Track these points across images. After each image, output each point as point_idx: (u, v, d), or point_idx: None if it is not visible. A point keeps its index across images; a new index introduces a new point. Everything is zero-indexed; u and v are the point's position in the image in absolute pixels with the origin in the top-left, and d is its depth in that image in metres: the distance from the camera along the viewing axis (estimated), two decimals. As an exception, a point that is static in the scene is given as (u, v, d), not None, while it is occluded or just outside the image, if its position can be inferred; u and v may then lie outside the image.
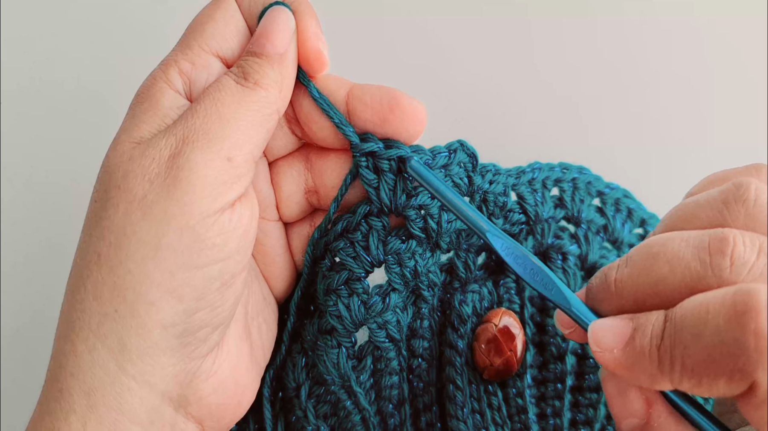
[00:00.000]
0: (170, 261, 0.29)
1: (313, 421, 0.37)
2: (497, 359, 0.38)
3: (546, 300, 0.36)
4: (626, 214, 0.40)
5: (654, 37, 0.50)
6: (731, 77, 0.49)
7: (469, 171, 0.36)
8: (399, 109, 0.33)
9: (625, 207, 0.40)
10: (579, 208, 0.39)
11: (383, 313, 0.35)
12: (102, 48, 0.49)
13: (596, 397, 0.39)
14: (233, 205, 0.31)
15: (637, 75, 0.50)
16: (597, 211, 0.40)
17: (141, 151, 0.30)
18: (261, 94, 0.31)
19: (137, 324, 0.29)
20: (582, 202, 0.39)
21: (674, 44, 0.50)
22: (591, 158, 0.42)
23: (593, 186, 0.40)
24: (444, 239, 0.37)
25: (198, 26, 0.33)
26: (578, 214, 0.39)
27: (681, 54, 0.50)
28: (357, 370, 0.36)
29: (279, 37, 0.32)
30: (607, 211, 0.40)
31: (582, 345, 0.39)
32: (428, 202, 0.35)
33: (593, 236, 0.39)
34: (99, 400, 0.29)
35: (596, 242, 0.39)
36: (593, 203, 0.40)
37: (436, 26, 0.50)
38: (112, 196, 0.30)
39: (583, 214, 0.39)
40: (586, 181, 0.40)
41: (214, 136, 0.30)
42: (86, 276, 0.30)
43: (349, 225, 0.36)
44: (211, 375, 0.32)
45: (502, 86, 0.50)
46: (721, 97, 0.49)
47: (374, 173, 0.34)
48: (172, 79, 0.32)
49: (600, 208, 0.40)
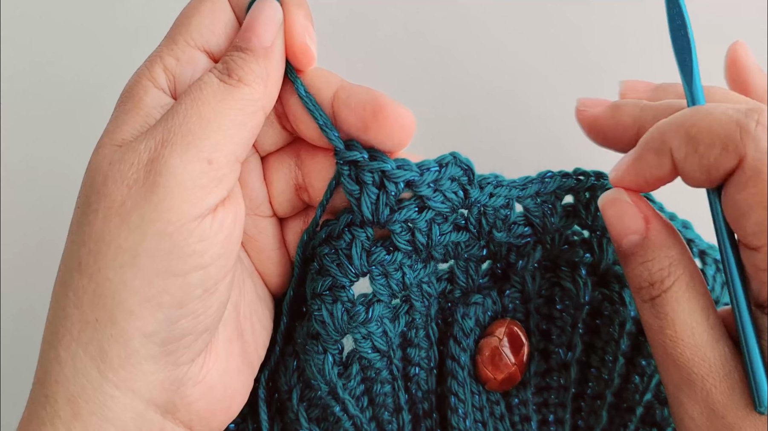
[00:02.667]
0: (149, 268, 0.28)
1: (305, 425, 0.36)
2: (501, 372, 0.37)
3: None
4: None
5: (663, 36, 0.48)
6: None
7: (465, 184, 0.34)
8: (383, 115, 0.31)
9: None
10: (594, 215, 0.37)
11: (367, 324, 0.34)
12: (102, 48, 0.49)
13: (599, 404, 0.38)
14: (215, 210, 0.30)
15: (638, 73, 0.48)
16: None
17: (121, 155, 0.29)
18: (245, 92, 0.30)
19: (117, 332, 0.29)
20: (598, 210, 0.37)
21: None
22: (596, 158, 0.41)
23: None
24: (438, 251, 0.35)
25: (184, 20, 0.32)
26: (593, 221, 0.37)
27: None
28: (344, 377, 0.35)
29: (264, 30, 0.31)
30: None
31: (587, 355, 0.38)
32: (415, 216, 0.34)
33: (607, 243, 0.38)
34: (83, 407, 0.29)
35: (610, 249, 0.38)
36: None
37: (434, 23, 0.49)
38: (93, 201, 0.29)
39: (599, 221, 0.37)
40: (604, 188, 0.38)
41: (194, 137, 0.29)
42: (68, 283, 0.30)
43: (332, 233, 0.35)
44: (199, 380, 0.31)
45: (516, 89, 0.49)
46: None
47: (356, 184, 0.33)
48: (156, 76, 0.31)
49: None
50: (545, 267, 0.38)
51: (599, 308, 0.38)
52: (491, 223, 0.35)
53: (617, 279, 0.38)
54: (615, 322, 0.37)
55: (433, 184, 0.33)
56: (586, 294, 0.37)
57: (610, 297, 0.37)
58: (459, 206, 0.34)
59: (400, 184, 0.33)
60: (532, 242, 0.37)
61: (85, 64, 0.49)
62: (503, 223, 0.35)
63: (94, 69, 0.48)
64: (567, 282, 0.38)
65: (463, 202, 0.34)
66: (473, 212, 0.35)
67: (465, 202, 0.34)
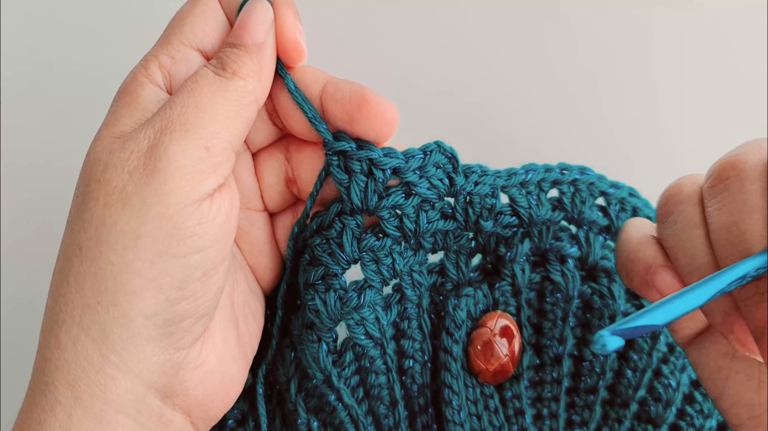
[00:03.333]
0: (150, 250, 0.29)
1: (303, 415, 0.37)
2: (493, 364, 0.37)
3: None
4: (631, 213, 0.39)
5: (658, 35, 0.49)
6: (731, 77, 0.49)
7: (450, 172, 0.36)
8: (367, 108, 0.33)
9: (631, 206, 0.39)
10: (580, 209, 0.38)
11: (359, 309, 0.35)
12: (102, 48, 0.49)
13: (592, 398, 0.38)
14: (212, 195, 0.31)
15: (641, 73, 0.49)
16: (600, 211, 0.39)
17: (121, 145, 0.30)
18: (239, 84, 0.32)
19: (119, 314, 0.29)
20: (583, 203, 0.38)
21: (676, 42, 0.49)
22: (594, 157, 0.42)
23: (596, 186, 0.39)
24: (427, 239, 0.36)
25: (178, 21, 0.33)
26: (579, 215, 0.38)
27: (683, 53, 0.49)
28: (338, 365, 0.36)
29: (257, 27, 0.33)
30: (610, 211, 0.39)
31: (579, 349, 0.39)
32: (402, 202, 0.35)
33: (594, 237, 0.39)
34: (84, 391, 0.30)
35: (598, 243, 0.39)
36: (597, 203, 0.39)
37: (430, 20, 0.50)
38: (92, 189, 0.30)
39: (585, 215, 0.38)
40: (588, 182, 0.39)
41: (192, 125, 0.30)
42: (68, 269, 0.30)
43: (323, 223, 0.36)
44: (197, 365, 0.32)
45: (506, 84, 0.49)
46: (722, 97, 0.49)
47: (345, 173, 0.34)
48: (152, 73, 0.32)
49: (604, 207, 0.39)
50: (535, 262, 0.39)
51: (589, 302, 0.38)
52: (477, 212, 0.36)
53: (606, 273, 0.39)
54: (605, 316, 0.38)
55: (419, 170, 0.35)
56: (574, 288, 0.38)
57: (599, 292, 0.38)
58: (445, 193, 0.36)
59: (387, 170, 0.34)
60: (520, 234, 0.38)
61: (85, 64, 0.49)
62: (489, 212, 0.36)
63: (94, 69, 0.48)
64: (556, 275, 0.38)
65: (449, 190, 0.36)
66: (459, 200, 0.36)
67: (450, 190, 0.36)
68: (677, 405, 0.37)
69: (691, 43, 0.49)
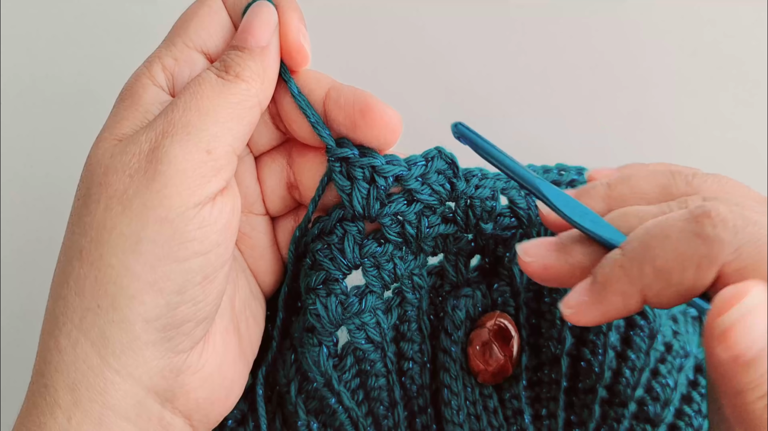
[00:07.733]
0: (150, 253, 0.29)
1: (303, 417, 0.37)
2: (492, 364, 0.37)
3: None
4: None
5: (652, 36, 0.49)
6: (731, 76, 0.49)
7: (451, 177, 0.36)
8: (370, 115, 0.33)
9: None
10: None
11: (360, 314, 0.35)
12: (102, 47, 0.49)
13: (591, 398, 0.38)
14: (214, 199, 0.31)
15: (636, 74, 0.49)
16: None
17: (122, 148, 0.30)
18: (242, 87, 0.31)
19: (119, 317, 0.29)
20: None
21: (672, 42, 0.49)
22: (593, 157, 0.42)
23: None
24: (427, 243, 0.36)
25: (182, 23, 0.33)
26: None
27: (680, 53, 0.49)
28: (339, 369, 0.36)
29: (261, 30, 0.32)
30: None
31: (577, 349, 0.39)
32: (404, 209, 0.35)
33: None
34: (83, 394, 0.30)
35: None
36: None
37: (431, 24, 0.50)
38: (94, 192, 0.30)
39: None
40: (584, 183, 0.39)
41: (194, 128, 0.30)
42: (69, 272, 0.30)
43: (325, 228, 0.36)
44: (197, 369, 0.32)
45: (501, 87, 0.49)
46: (721, 96, 0.49)
47: (347, 179, 0.34)
48: (155, 75, 0.32)
49: None
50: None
51: None
52: (478, 215, 0.36)
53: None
54: None
55: (421, 177, 0.35)
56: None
57: None
58: (446, 198, 0.36)
59: (390, 178, 0.34)
60: (519, 235, 0.38)
61: (85, 63, 0.49)
62: (489, 215, 0.36)
63: (95, 68, 0.48)
64: None
65: (450, 194, 0.36)
66: (460, 204, 0.36)
67: (452, 194, 0.36)
68: (675, 404, 0.38)
69: (691, 43, 0.49)
